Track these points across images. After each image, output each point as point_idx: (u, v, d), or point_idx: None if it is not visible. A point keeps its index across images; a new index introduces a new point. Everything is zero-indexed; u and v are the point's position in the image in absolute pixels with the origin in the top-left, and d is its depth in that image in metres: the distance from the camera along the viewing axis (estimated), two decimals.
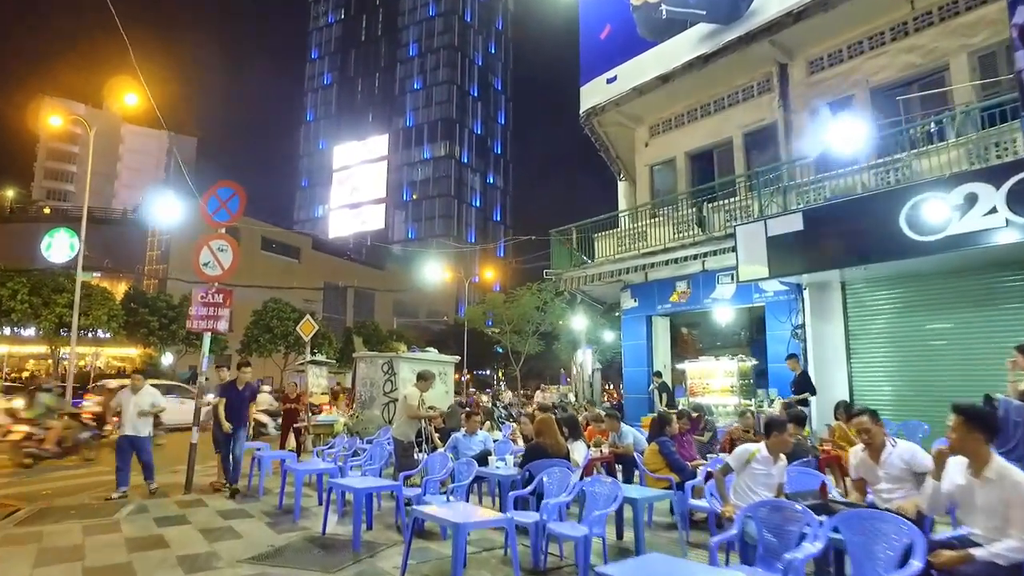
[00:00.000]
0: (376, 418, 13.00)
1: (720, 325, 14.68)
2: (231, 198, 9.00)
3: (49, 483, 9.80)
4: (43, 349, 39.51)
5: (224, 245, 8.90)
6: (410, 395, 7.46)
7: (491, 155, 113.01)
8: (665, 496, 5.52)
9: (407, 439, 7.42)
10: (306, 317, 14.00)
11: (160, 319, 36.79)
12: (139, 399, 8.03)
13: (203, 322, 8.70)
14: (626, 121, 16.95)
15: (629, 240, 15.39)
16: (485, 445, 7.62)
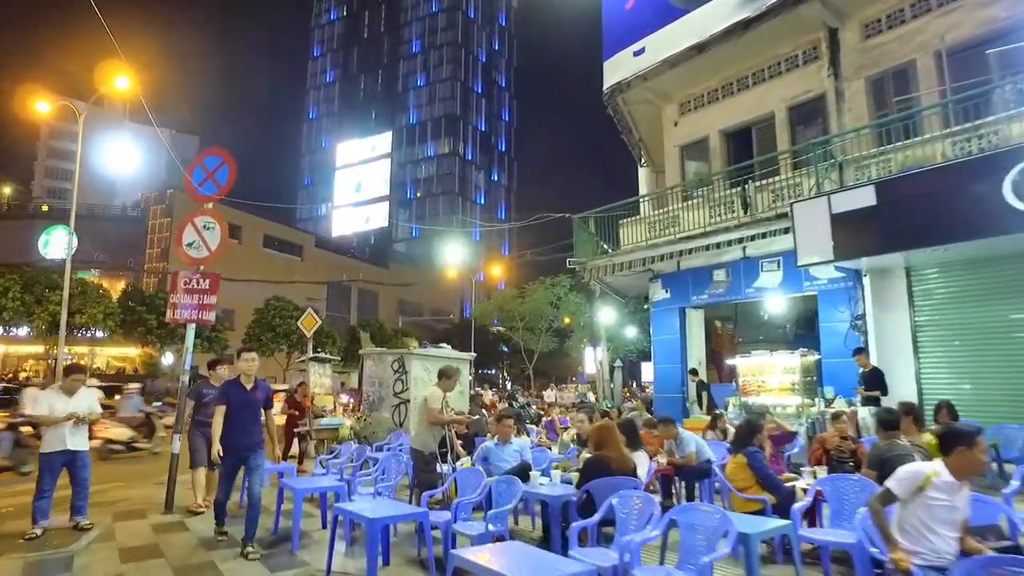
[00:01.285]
0: (385, 421, 11.73)
1: (762, 317, 13.42)
2: (219, 168, 7.74)
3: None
4: (41, 349, 38.44)
5: (211, 222, 7.63)
6: (431, 397, 6.17)
7: (495, 152, 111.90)
8: (783, 528, 4.20)
9: (428, 450, 6.13)
10: (308, 311, 12.72)
11: (159, 317, 35.54)
12: (76, 403, 6.27)
13: (187, 312, 7.42)
14: (653, 98, 15.64)
15: (660, 226, 14.10)
16: (522, 456, 6.33)
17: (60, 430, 6.19)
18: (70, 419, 6.20)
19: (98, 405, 6.64)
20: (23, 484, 9.97)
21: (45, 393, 6.39)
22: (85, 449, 6.42)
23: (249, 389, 5.93)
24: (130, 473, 10.85)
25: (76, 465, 6.32)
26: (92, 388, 6.81)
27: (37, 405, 6.25)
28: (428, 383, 12.35)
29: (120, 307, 34.77)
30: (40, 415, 6.19)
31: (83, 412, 6.34)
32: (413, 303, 74.21)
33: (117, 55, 20.34)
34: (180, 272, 7.61)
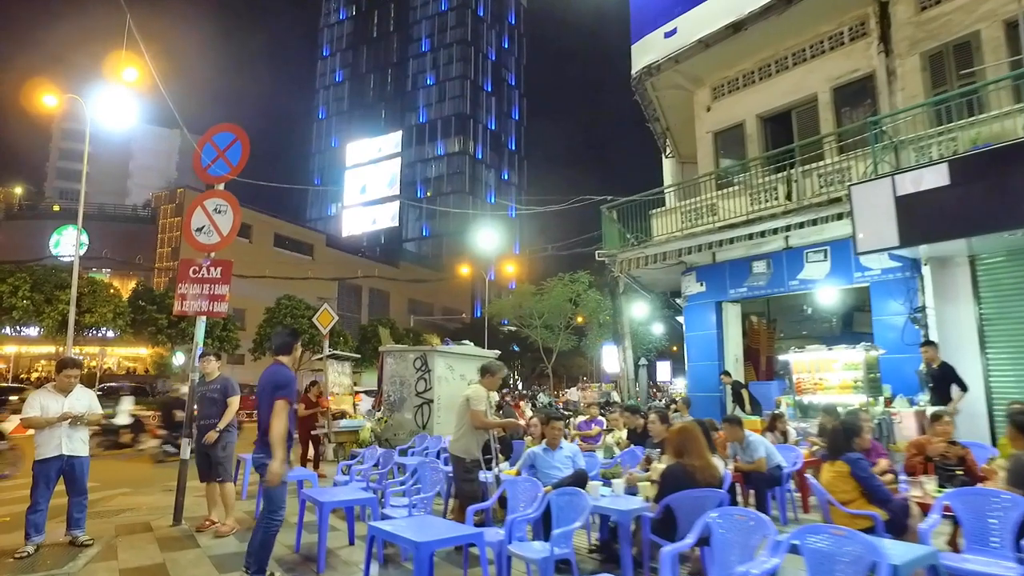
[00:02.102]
0: (407, 422, 11.04)
1: (804, 311, 12.62)
2: (231, 145, 7.04)
3: None
4: (52, 349, 38.05)
5: (223, 204, 6.94)
6: (475, 396, 5.43)
7: (505, 151, 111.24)
8: (928, 556, 3.42)
9: (470, 456, 5.40)
10: (323, 306, 12.04)
11: (169, 317, 35.04)
12: (72, 402, 5.68)
13: (196, 303, 6.73)
14: (685, 83, 14.86)
15: (694, 216, 13.34)
16: (575, 462, 5.58)
17: (54, 433, 5.52)
18: (65, 419, 5.52)
19: (97, 404, 5.95)
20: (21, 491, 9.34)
21: (38, 393, 5.70)
22: (84, 455, 5.73)
23: (281, 389, 4.80)
24: (136, 477, 10.20)
25: (74, 473, 5.63)
26: (88, 389, 6.06)
27: (28, 406, 5.56)
28: (451, 382, 11.66)
29: (130, 306, 34.30)
30: (31, 417, 5.51)
31: (80, 411, 5.66)
32: (424, 302, 73.66)
33: (127, 50, 19.77)
34: (188, 260, 6.92)
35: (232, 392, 6.34)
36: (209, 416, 6.25)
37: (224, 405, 6.27)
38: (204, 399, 6.36)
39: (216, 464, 6.21)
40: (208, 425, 6.19)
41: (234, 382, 6.49)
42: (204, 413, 6.30)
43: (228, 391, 6.34)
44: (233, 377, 6.78)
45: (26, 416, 5.52)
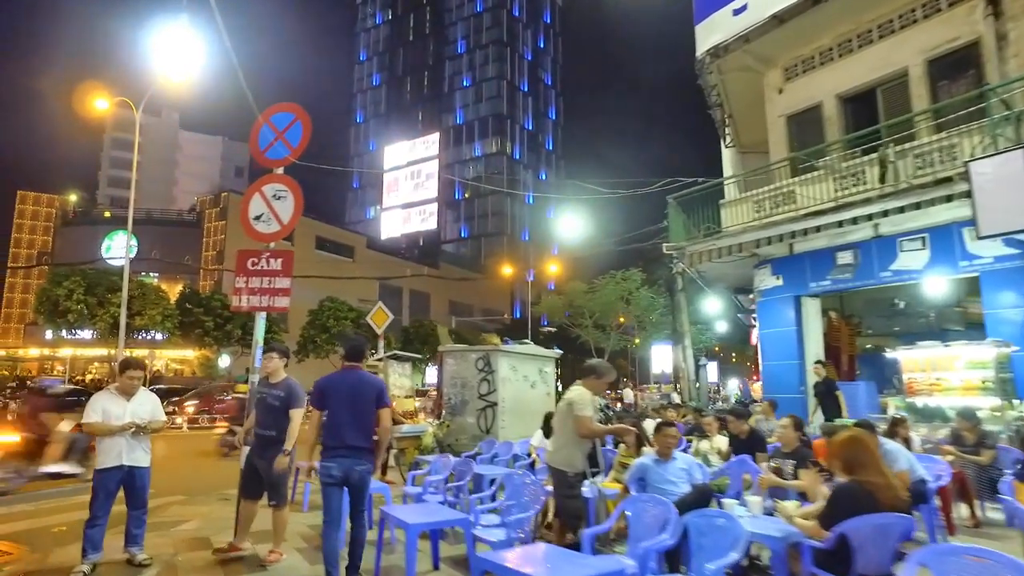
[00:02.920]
0: (470, 427, 10.38)
1: (895, 304, 11.57)
2: (290, 126, 6.46)
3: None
4: (104, 351, 38.73)
5: (283, 190, 6.35)
6: (579, 400, 4.65)
7: (543, 151, 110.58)
8: None
9: (574, 469, 4.65)
10: (378, 304, 11.48)
11: (215, 319, 35.28)
12: (136, 407, 5.13)
13: (255, 298, 6.15)
14: (754, 64, 13.90)
15: (770, 204, 12.39)
16: (691, 476, 4.81)
17: (116, 441, 5.01)
18: (128, 428, 5.01)
19: (161, 409, 5.41)
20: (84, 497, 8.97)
21: (99, 396, 5.18)
22: (146, 465, 5.19)
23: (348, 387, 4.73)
24: (189, 482, 9.75)
25: (134, 485, 5.10)
26: (152, 392, 5.48)
27: (89, 410, 5.05)
28: (515, 383, 10.96)
29: (178, 309, 34.60)
30: (93, 423, 4.99)
31: (143, 418, 5.13)
32: (464, 304, 73.36)
33: (184, 69, 19.74)
34: (246, 251, 6.35)
35: (296, 402, 5.23)
36: (265, 426, 5.20)
37: (284, 416, 5.17)
38: (262, 404, 5.31)
39: (272, 486, 5.24)
40: (264, 438, 5.16)
41: (300, 389, 5.34)
42: (260, 421, 5.30)
43: (291, 400, 5.21)
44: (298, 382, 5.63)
45: (88, 422, 5.01)
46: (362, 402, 4.54)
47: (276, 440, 5.12)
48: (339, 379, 4.66)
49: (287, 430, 5.14)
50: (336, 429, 4.49)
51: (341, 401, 4.52)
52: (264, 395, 5.37)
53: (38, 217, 60.75)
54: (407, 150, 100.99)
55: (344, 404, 4.50)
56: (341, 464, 4.43)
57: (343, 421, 4.47)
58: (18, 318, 58.02)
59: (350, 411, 4.47)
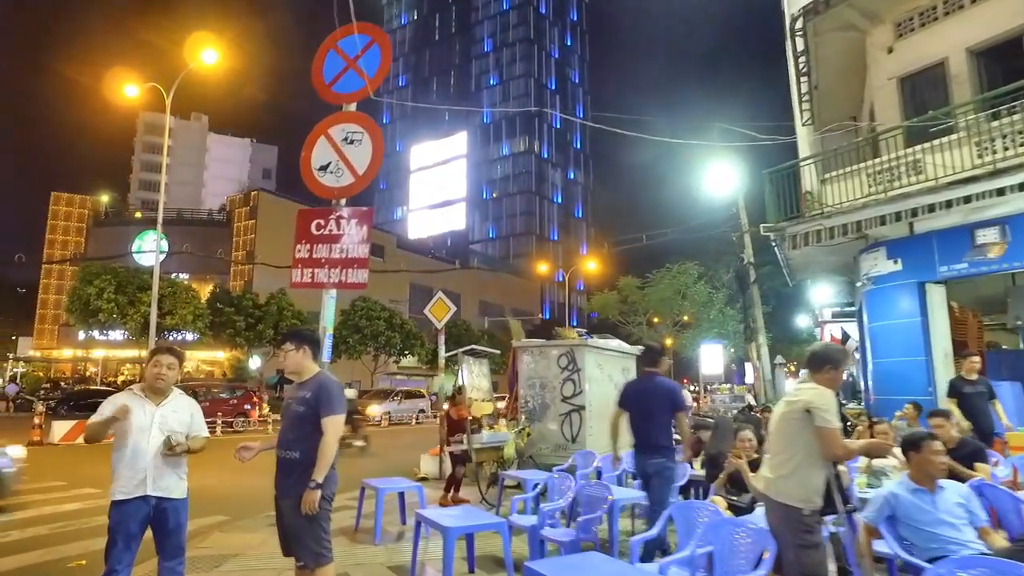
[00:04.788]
0: (552, 434, 8.87)
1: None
2: (365, 50, 5.00)
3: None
4: (136, 352, 38.04)
5: (356, 131, 4.89)
6: (822, 404, 3.05)
7: (571, 150, 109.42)
8: None
9: (810, 505, 3.09)
10: (438, 295, 10.01)
11: (247, 319, 34.29)
12: (167, 413, 3.68)
13: (322, 271, 4.69)
14: (858, 19, 12.22)
15: (889, 176, 10.69)
16: (973, 516, 3.22)
17: (136, 463, 3.52)
18: (122, 415, 3.52)
19: (202, 419, 3.90)
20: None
21: (117, 396, 3.72)
22: (180, 497, 3.68)
23: None
24: (229, 500, 8.37)
25: (165, 525, 3.60)
26: (189, 398, 3.93)
27: (100, 410, 3.59)
28: (601, 384, 9.41)
29: (209, 308, 33.69)
30: (92, 422, 3.54)
31: (178, 432, 3.66)
32: (494, 304, 72.03)
33: (214, 70, 18.80)
34: (308, 211, 4.90)
35: (329, 406, 3.53)
36: (286, 444, 3.59)
37: (313, 429, 3.51)
38: (286, 415, 3.72)
39: (294, 535, 3.51)
40: (285, 463, 3.55)
41: (337, 389, 3.65)
42: (280, 438, 3.67)
43: (322, 403, 3.54)
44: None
45: (87, 423, 3.58)
46: (657, 406, 5.17)
47: (299, 465, 3.48)
48: (637, 384, 5.48)
49: (317, 449, 3.46)
50: (636, 431, 5.26)
51: (638, 405, 5.27)
52: (289, 401, 3.74)
53: (71, 218, 60.75)
54: (434, 150, 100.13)
55: (641, 407, 5.22)
56: (641, 459, 5.18)
57: (639, 424, 5.23)
58: (52, 320, 57.98)
59: (647, 414, 5.16)
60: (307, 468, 3.43)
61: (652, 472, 5.05)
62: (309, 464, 3.43)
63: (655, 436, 5.13)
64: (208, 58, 18.87)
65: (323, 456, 3.44)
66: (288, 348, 3.68)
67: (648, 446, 5.13)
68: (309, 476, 3.40)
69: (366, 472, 10.01)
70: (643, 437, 5.21)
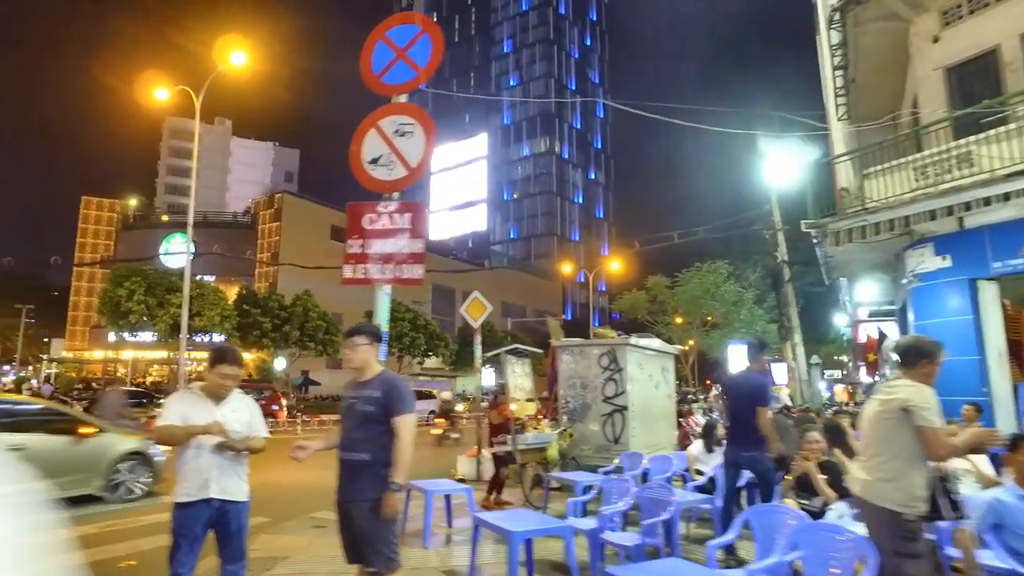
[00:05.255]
0: (593, 435, 8.68)
1: None
2: (415, 40, 4.88)
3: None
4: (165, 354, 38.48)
5: (408, 123, 4.77)
6: (920, 403, 2.81)
7: (592, 150, 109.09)
8: None
9: (914, 509, 2.88)
10: (474, 295, 9.87)
11: (272, 320, 34.50)
12: (228, 415, 3.57)
13: (375, 267, 4.59)
14: (901, 8, 11.88)
15: (936, 171, 10.35)
16: None
17: (200, 464, 3.44)
18: (214, 432, 3.43)
19: (262, 421, 3.81)
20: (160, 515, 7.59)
21: (177, 397, 3.67)
22: (242, 500, 3.60)
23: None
24: (271, 501, 8.30)
25: (227, 528, 3.51)
26: (248, 397, 3.90)
27: (165, 412, 3.52)
28: (642, 384, 9.22)
29: (235, 310, 33.94)
30: (166, 426, 3.45)
31: (238, 432, 3.56)
32: (516, 305, 71.86)
33: (237, 75, 18.89)
34: (359, 205, 4.78)
35: (401, 404, 3.38)
36: (353, 446, 3.39)
37: (384, 429, 3.35)
38: (350, 414, 3.50)
39: (368, 541, 3.32)
40: (353, 465, 3.36)
41: (405, 387, 3.53)
42: (346, 440, 3.47)
43: (393, 402, 3.38)
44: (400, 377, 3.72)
45: (160, 425, 3.48)
46: (745, 399, 5.44)
47: (368, 467, 3.32)
48: (735, 378, 5.82)
49: (391, 450, 3.31)
50: (731, 422, 5.67)
51: (734, 398, 5.62)
52: (352, 400, 3.53)
53: (100, 222, 61.96)
54: (455, 152, 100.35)
55: (736, 401, 5.56)
56: (734, 450, 5.48)
57: (734, 416, 5.61)
58: (83, 321, 59.08)
59: (740, 407, 5.45)
60: (377, 470, 3.32)
61: (745, 464, 5.44)
62: (379, 466, 3.31)
63: (746, 429, 5.35)
64: (237, 60, 18.96)
65: (401, 457, 3.32)
66: (361, 342, 3.53)
67: (741, 438, 5.44)
68: (381, 479, 3.29)
69: None
70: (736, 429, 5.55)
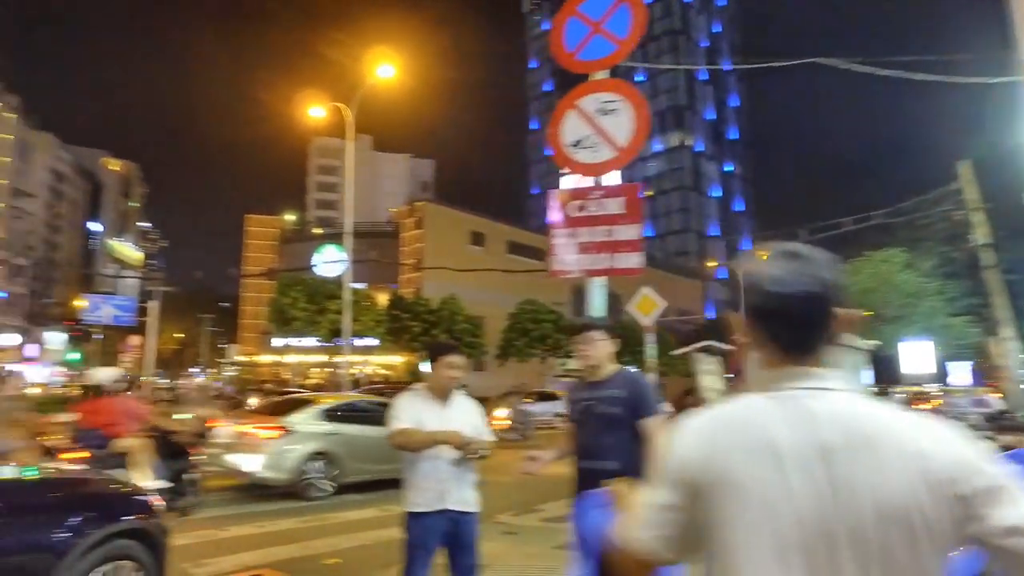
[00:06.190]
0: None
1: None
2: (612, 11, 4.45)
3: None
4: (323, 358, 41.26)
5: (613, 100, 4.35)
6: None
7: (726, 141, 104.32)
8: None
9: None
10: (643, 290, 9.34)
11: (421, 324, 35.85)
12: (456, 416, 3.32)
13: (586, 257, 4.22)
14: None
15: None
16: None
17: (437, 472, 3.20)
18: (455, 442, 3.15)
19: (485, 424, 3.55)
20: (351, 513, 7.78)
21: (406, 397, 3.43)
22: (475, 511, 3.34)
23: None
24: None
25: (460, 541, 3.25)
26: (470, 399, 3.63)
27: (399, 413, 3.31)
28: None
29: (387, 315, 35.64)
30: (407, 429, 3.21)
31: (470, 434, 3.28)
32: None
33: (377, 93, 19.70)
34: (564, 192, 4.44)
35: (648, 405, 2.99)
36: (596, 452, 2.99)
37: (631, 433, 2.95)
38: (588, 417, 3.09)
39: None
40: (599, 473, 2.80)
41: (650, 386, 3.13)
42: (585, 446, 3.08)
43: (641, 402, 2.99)
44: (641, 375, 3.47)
45: (400, 429, 3.24)
46: None
47: (619, 476, 2.79)
48: None
49: (640, 458, 2.83)
50: None
51: None
52: (589, 402, 3.10)
53: (263, 237, 67.97)
54: None
55: None
56: None
57: None
58: (252, 328, 64.98)
59: None
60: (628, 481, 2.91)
61: None
62: (630, 476, 2.90)
63: None
64: (385, 73, 19.71)
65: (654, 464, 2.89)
66: (599, 337, 3.12)
67: None
68: None
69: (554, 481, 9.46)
70: None
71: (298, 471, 8.60)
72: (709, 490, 1.04)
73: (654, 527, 1.11)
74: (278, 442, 8.64)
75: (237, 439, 8.89)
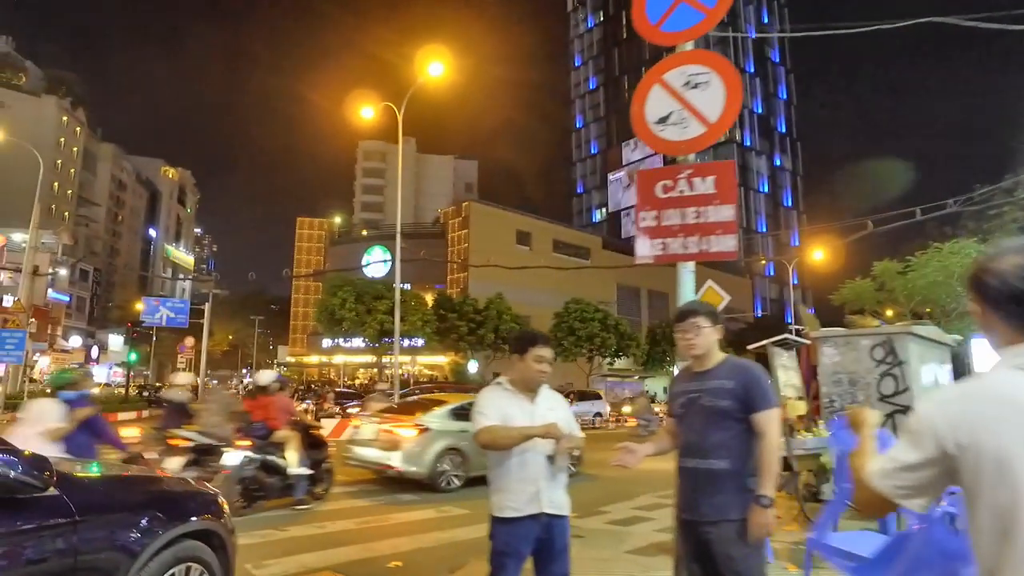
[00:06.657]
0: None
1: None
2: None
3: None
4: (371, 359, 41.67)
5: (701, 72, 4.02)
6: None
7: (775, 135, 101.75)
8: None
9: None
10: (707, 284, 8.93)
11: (468, 323, 35.83)
12: (544, 413, 3.03)
13: (675, 241, 3.89)
14: None
15: None
16: None
17: (528, 473, 2.91)
18: (554, 435, 2.88)
19: (575, 420, 3.27)
20: (419, 512, 7.64)
21: (491, 392, 3.16)
22: (567, 514, 3.07)
23: None
24: None
25: (552, 545, 2.97)
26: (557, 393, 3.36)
27: (482, 408, 3.03)
28: (924, 377, 7.72)
29: (434, 315, 35.73)
30: (494, 427, 2.94)
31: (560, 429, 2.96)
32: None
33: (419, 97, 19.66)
34: (650, 172, 4.14)
35: (764, 398, 2.69)
36: (702, 450, 2.71)
37: (742, 429, 2.67)
38: (692, 410, 2.81)
39: (738, 571, 2.58)
40: (709, 473, 2.66)
41: (765, 376, 2.83)
42: (690, 443, 2.79)
43: (754, 395, 2.68)
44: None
45: (487, 427, 2.95)
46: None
47: (732, 477, 2.64)
48: None
49: (753, 455, 2.65)
50: None
51: None
52: (693, 394, 2.82)
53: (312, 239, 69.28)
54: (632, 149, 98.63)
55: None
56: None
57: None
58: (302, 329, 66.23)
59: None
60: (741, 481, 2.62)
61: None
62: (742, 475, 2.62)
63: None
64: (435, 71, 19.61)
65: (770, 464, 2.62)
66: (704, 324, 2.81)
67: None
68: (747, 492, 2.60)
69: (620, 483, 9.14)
70: None
71: (434, 466, 9.45)
72: (971, 458, 1.15)
73: (898, 479, 1.28)
74: (418, 439, 9.51)
75: (377, 436, 9.92)
